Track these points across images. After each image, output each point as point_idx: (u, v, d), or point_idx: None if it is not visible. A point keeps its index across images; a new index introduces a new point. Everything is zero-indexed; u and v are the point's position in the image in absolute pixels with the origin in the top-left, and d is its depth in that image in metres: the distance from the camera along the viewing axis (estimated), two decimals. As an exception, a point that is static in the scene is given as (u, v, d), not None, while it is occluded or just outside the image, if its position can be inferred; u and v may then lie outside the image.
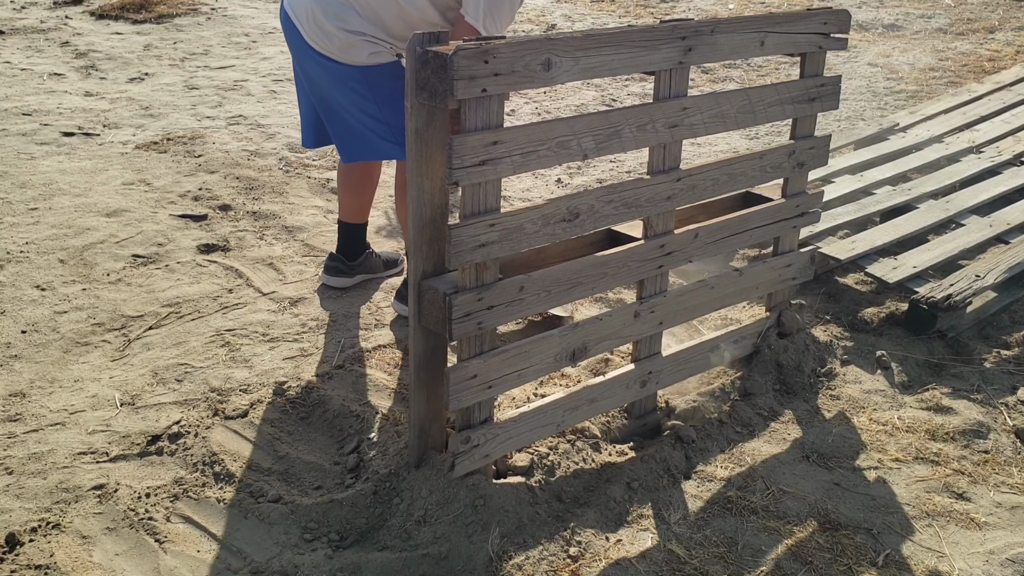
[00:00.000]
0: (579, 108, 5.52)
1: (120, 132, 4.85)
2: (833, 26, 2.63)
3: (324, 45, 2.74)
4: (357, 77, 2.76)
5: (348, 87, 2.78)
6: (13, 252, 3.45)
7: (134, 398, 2.66)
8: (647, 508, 2.30)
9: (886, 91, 5.86)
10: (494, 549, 2.09)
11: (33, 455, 2.40)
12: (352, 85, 2.77)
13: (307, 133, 3.11)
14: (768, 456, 2.53)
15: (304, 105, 3.07)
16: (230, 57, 6.43)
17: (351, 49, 2.72)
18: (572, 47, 2.04)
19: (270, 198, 4.07)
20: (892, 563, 2.18)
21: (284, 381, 2.74)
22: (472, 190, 1.98)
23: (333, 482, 2.37)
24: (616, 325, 2.41)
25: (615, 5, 8.32)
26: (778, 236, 2.80)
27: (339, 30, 2.70)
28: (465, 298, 2.04)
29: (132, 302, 3.17)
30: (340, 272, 3.31)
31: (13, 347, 2.87)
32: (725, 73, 6.26)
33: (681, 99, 2.32)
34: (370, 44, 2.71)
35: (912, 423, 2.69)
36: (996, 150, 4.39)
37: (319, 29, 2.73)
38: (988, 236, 3.55)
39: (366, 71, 2.74)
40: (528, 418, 2.28)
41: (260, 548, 2.14)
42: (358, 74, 2.75)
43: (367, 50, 2.72)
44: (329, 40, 2.73)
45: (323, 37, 2.73)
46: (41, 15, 7.17)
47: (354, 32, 2.70)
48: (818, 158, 2.77)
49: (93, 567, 2.07)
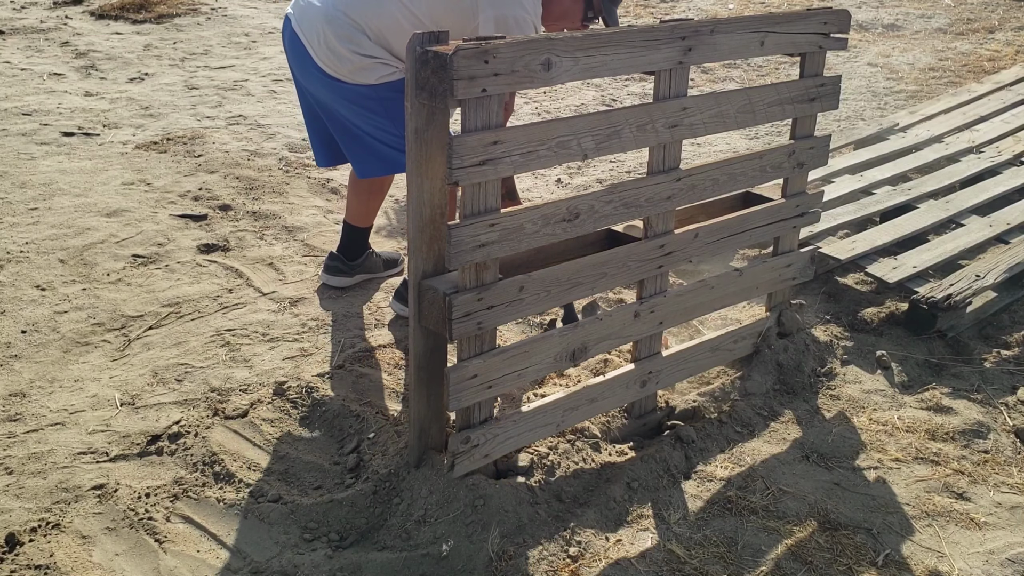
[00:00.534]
0: (579, 108, 5.52)
1: (120, 132, 4.85)
2: (833, 26, 2.63)
3: (335, 67, 2.74)
4: (368, 95, 2.76)
5: (359, 104, 2.78)
6: (13, 252, 3.45)
7: (134, 398, 2.67)
8: (647, 508, 2.30)
9: (886, 91, 5.86)
10: (494, 549, 2.09)
11: (33, 455, 2.40)
12: (362, 102, 2.78)
13: (319, 153, 3.10)
14: (768, 456, 2.53)
15: (312, 126, 3.06)
16: (230, 57, 6.43)
17: (362, 71, 2.72)
18: (572, 47, 2.04)
19: (270, 198, 4.07)
20: (892, 563, 2.18)
21: (284, 381, 2.74)
22: (472, 190, 1.98)
23: (333, 482, 2.37)
24: (616, 325, 2.41)
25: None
26: (778, 236, 2.80)
27: (352, 53, 2.70)
28: (465, 298, 2.04)
29: (132, 302, 3.17)
30: (340, 272, 3.31)
31: (13, 347, 2.87)
32: (725, 73, 6.26)
33: (681, 99, 2.32)
34: (382, 66, 2.72)
35: (912, 423, 2.69)
36: (996, 150, 4.39)
37: (331, 53, 2.73)
38: (988, 236, 3.55)
39: (376, 88, 2.75)
40: (528, 418, 2.28)
41: (260, 548, 2.14)
42: (369, 92, 2.75)
43: (378, 72, 2.72)
44: (341, 63, 2.72)
45: (335, 60, 2.73)
46: (41, 15, 7.17)
47: (367, 56, 2.70)
48: (818, 158, 2.78)
49: (93, 567, 2.07)
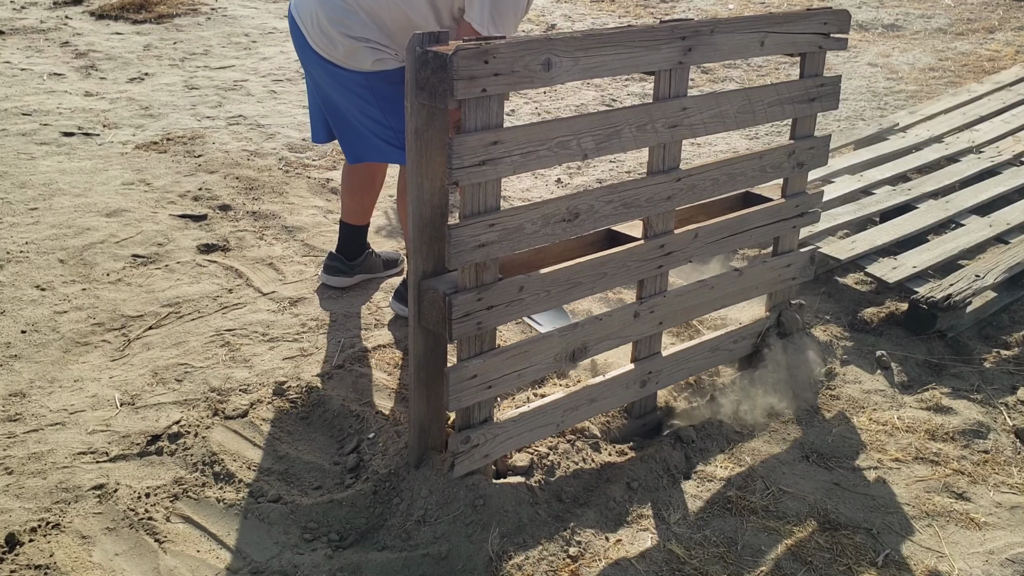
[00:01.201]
0: (579, 108, 5.51)
1: (120, 132, 4.85)
2: (833, 26, 2.63)
3: (329, 51, 2.75)
4: (361, 82, 2.76)
5: (352, 92, 2.79)
6: (13, 252, 3.45)
7: (134, 398, 2.67)
8: (647, 508, 2.30)
9: (886, 91, 5.86)
10: (494, 549, 2.09)
11: (33, 455, 2.40)
12: (356, 90, 2.78)
13: (316, 129, 3.12)
14: (768, 456, 2.53)
15: (313, 102, 3.07)
16: (230, 57, 6.43)
17: (355, 55, 2.72)
18: (572, 47, 2.04)
19: (270, 198, 4.07)
20: (892, 563, 2.18)
21: (284, 381, 2.74)
22: (472, 190, 1.98)
23: (333, 482, 2.37)
24: (616, 325, 2.41)
25: (615, 5, 8.32)
26: (778, 236, 2.80)
27: (343, 36, 2.70)
28: (465, 298, 2.04)
29: (132, 302, 3.17)
30: (339, 272, 3.31)
31: (13, 347, 2.87)
32: (725, 73, 6.26)
33: (681, 99, 2.32)
34: (374, 51, 2.71)
35: (912, 423, 2.69)
36: (996, 150, 4.39)
37: (323, 35, 2.73)
38: (988, 236, 3.55)
39: (369, 76, 2.75)
40: (528, 418, 2.28)
41: (260, 548, 2.15)
42: (362, 79, 2.75)
43: (371, 56, 2.72)
44: (333, 46, 2.73)
45: (328, 43, 2.74)
46: (41, 15, 7.17)
47: (358, 38, 2.70)
48: (818, 158, 2.78)
49: (93, 567, 2.07)
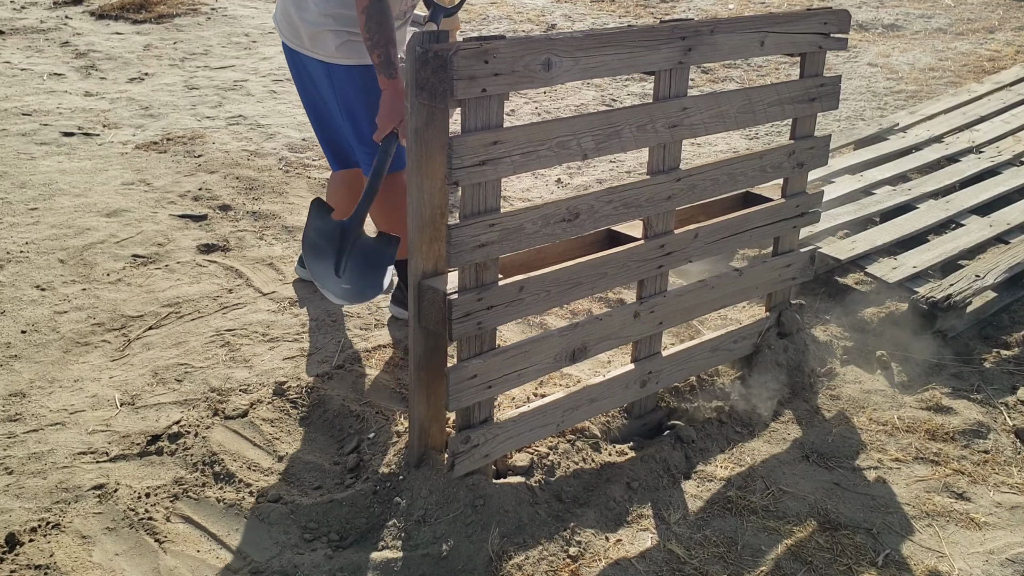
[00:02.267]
0: (579, 108, 5.51)
1: (120, 132, 4.85)
2: (833, 26, 2.63)
3: (295, 40, 2.79)
4: (323, 72, 2.78)
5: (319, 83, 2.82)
6: (13, 252, 3.45)
7: (134, 398, 2.67)
8: (647, 508, 2.30)
9: (886, 91, 5.86)
10: (494, 549, 2.09)
11: (33, 455, 2.40)
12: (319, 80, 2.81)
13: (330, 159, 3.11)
14: (768, 456, 2.53)
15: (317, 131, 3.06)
16: (230, 57, 6.43)
17: (317, 39, 2.74)
18: (572, 47, 2.04)
19: (270, 198, 4.07)
20: (892, 563, 2.18)
21: (284, 381, 2.74)
22: (472, 190, 1.98)
23: (333, 482, 2.37)
24: (616, 325, 2.41)
25: (615, 5, 8.32)
26: (778, 236, 2.80)
27: (302, 21, 2.74)
28: (465, 298, 2.04)
29: (132, 302, 3.17)
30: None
31: (13, 347, 2.87)
32: (725, 73, 6.26)
33: (681, 99, 2.32)
34: (334, 34, 2.71)
35: (912, 423, 2.69)
36: (996, 150, 4.39)
37: (289, 24, 2.78)
38: (988, 236, 3.55)
39: (330, 68, 2.75)
40: (528, 418, 2.28)
41: (260, 548, 2.14)
42: (324, 70, 2.77)
43: (333, 40, 2.72)
44: (297, 34, 2.77)
45: (292, 31, 2.79)
46: (41, 15, 7.16)
47: (314, 22, 2.71)
48: (818, 158, 2.78)
49: (93, 567, 2.07)
